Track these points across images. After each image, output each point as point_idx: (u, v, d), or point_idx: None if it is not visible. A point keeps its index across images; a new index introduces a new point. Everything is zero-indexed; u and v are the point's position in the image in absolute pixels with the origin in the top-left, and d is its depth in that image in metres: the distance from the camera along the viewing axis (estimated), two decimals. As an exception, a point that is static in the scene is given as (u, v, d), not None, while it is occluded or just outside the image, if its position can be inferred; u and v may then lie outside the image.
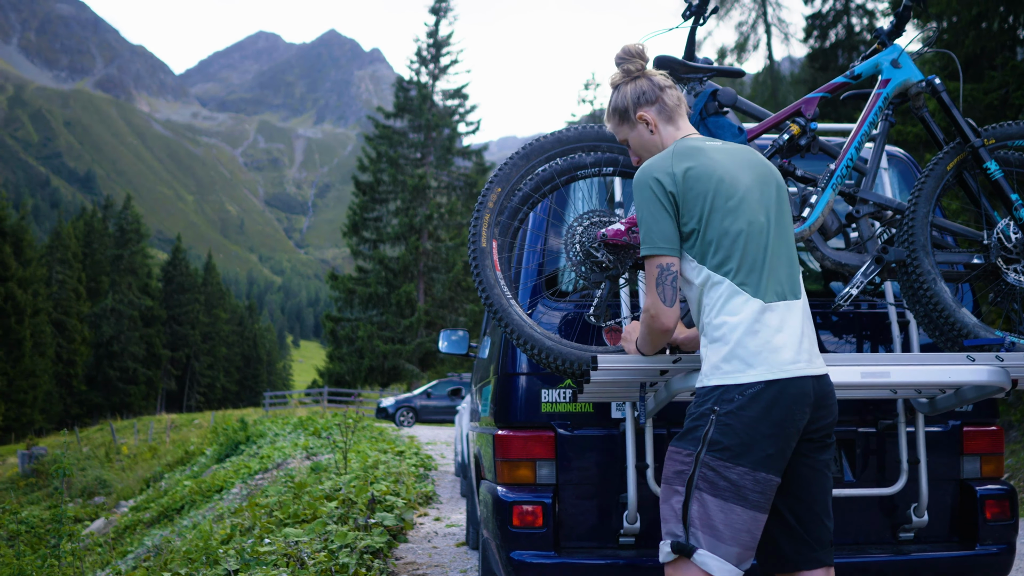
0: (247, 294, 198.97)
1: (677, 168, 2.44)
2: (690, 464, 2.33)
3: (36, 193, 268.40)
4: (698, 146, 2.51)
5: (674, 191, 2.42)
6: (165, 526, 11.83)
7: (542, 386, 3.27)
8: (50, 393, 59.89)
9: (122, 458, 29.16)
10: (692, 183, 2.42)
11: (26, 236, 60.51)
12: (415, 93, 47.72)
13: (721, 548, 2.26)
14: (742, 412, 2.28)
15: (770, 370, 2.30)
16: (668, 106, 2.64)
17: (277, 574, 4.46)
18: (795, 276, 2.47)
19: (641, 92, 2.66)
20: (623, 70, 2.70)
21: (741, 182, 2.46)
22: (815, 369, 2.36)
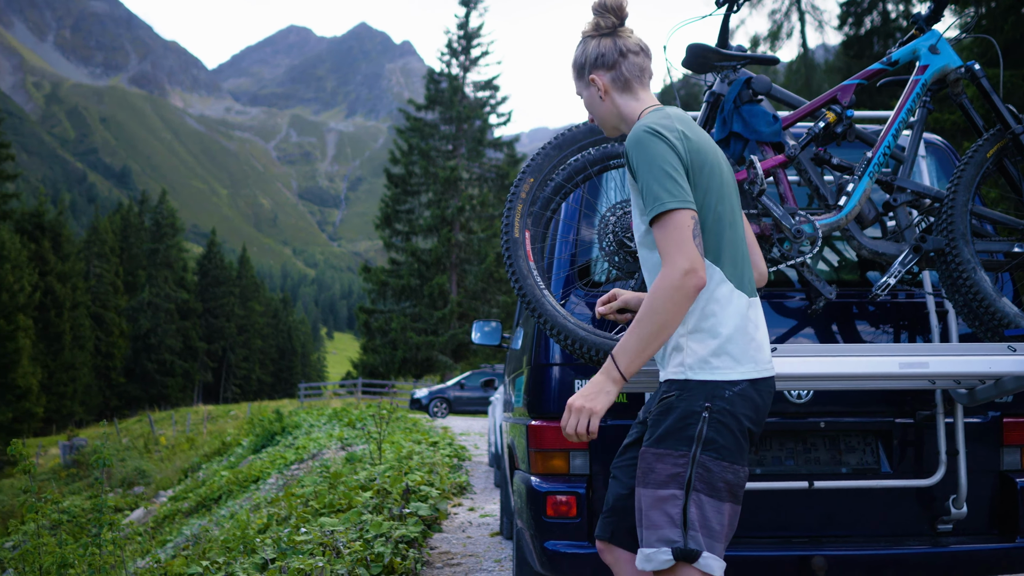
0: (281, 287, 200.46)
1: (684, 132, 2.28)
2: (686, 466, 2.20)
3: (73, 189, 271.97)
4: (689, 118, 2.37)
5: (683, 155, 2.24)
6: (203, 516, 11.97)
7: (575, 376, 3.26)
8: (89, 385, 60.76)
9: (160, 449, 29.52)
10: (695, 154, 2.27)
11: (64, 231, 61.34)
12: (446, 85, 47.77)
13: (717, 547, 2.21)
14: (734, 410, 2.21)
15: (755, 368, 2.25)
16: (624, 75, 2.44)
17: (313, 563, 4.50)
18: (752, 271, 2.37)
19: (600, 53, 2.46)
20: (594, 23, 2.49)
21: (723, 167, 2.37)
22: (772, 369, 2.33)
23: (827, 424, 3.19)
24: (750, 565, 3.05)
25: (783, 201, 3.00)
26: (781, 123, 3.03)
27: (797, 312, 3.29)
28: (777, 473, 3.17)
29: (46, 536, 4.23)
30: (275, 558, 5.05)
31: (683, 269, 2.14)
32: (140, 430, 37.81)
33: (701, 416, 2.20)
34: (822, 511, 3.17)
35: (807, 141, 3.00)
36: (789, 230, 2.88)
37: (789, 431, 3.21)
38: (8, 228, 51.36)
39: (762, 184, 2.85)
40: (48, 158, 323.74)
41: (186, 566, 5.63)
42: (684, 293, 2.15)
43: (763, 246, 2.96)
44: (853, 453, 3.21)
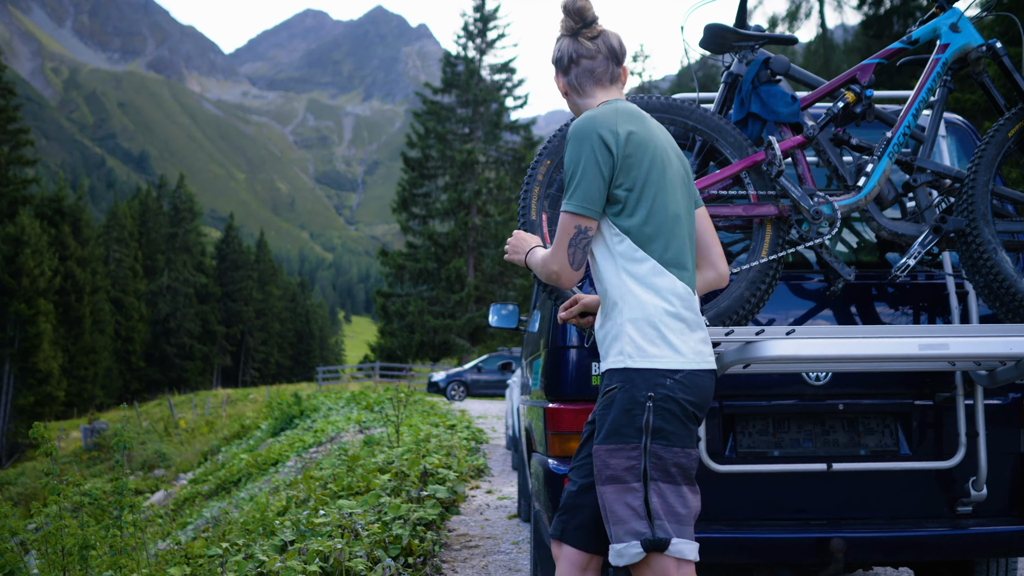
0: (299, 271, 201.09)
1: (622, 128, 2.34)
2: (639, 457, 2.25)
3: (92, 174, 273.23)
4: (638, 112, 2.43)
5: (615, 151, 2.32)
6: (223, 498, 12.06)
7: (592, 359, 3.26)
8: (110, 369, 61.21)
9: (180, 432, 29.72)
10: (633, 148, 2.33)
11: (84, 216, 61.69)
12: (462, 68, 47.63)
13: (686, 531, 2.27)
14: (676, 396, 2.26)
15: (700, 359, 2.32)
16: (576, 80, 2.55)
17: (332, 545, 4.53)
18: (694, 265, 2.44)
19: (558, 57, 2.57)
20: (562, 23, 2.56)
21: (672, 161, 2.42)
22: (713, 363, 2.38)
23: (845, 406, 3.17)
24: (768, 547, 3.05)
25: (801, 182, 2.98)
26: (800, 103, 3.01)
27: (815, 294, 3.27)
28: (795, 455, 3.16)
29: (68, 518, 4.27)
30: (294, 540, 5.09)
31: (552, 270, 2.39)
32: (160, 413, 38.09)
33: (645, 406, 2.24)
34: (840, 493, 3.16)
35: (826, 121, 2.97)
36: (807, 211, 2.87)
37: (807, 413, 3.20)
38: (28, 213, 51.69)
39: (780, 165, 2.83)
40: (67, 143, 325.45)
41: (206, 548, 5.68)
42: (544, 277, 2.44)
43: (781, 228, 2.95)
44: (872, 435, 3.19)
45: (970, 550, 3.14)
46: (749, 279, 2.92)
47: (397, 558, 4.92)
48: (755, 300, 2.91)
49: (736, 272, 2.95)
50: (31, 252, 48.18)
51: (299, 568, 4.13)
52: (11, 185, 54.24)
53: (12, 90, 56.16)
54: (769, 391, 3.19)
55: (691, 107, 3.03)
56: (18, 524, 4.32)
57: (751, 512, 3.17)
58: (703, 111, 3.03)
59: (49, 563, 4.09)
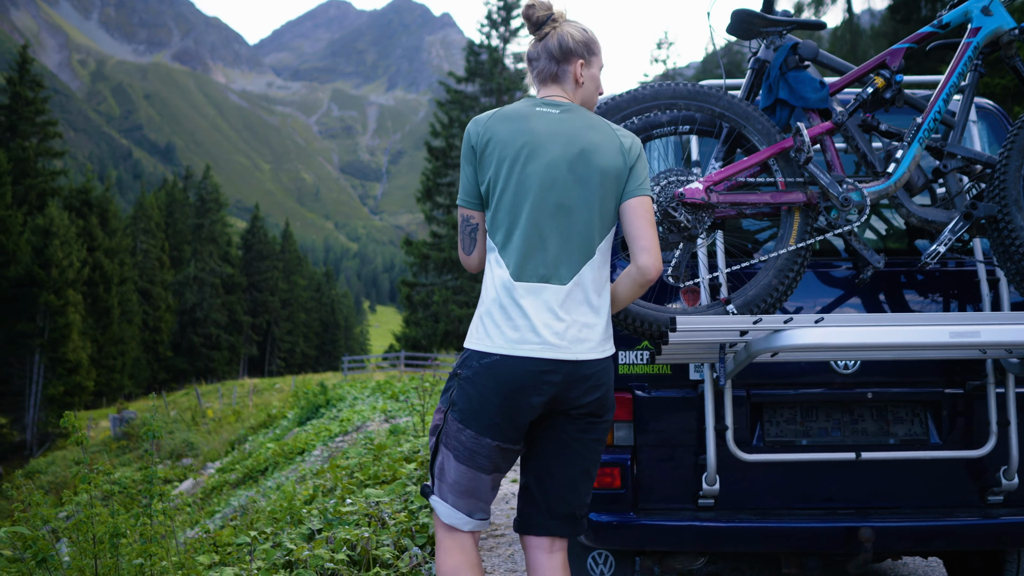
0: (324, 261, 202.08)
1: (486, 127, 2.56)
2: (441, 420, 2.53)
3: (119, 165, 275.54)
4: (523, 111, 2.57)
5: (476, 148, 2.56)
6: (250, 487, 12.14)
7: (619, 348, 3.25)
8: (138, 359, 61.72)
9: (208, 421, 29.94)
10: (492, 145, 2.52)
11: (111, 207, 62.13)
12: (486, 57, 47.52)
13: (450, 498, 2.51)
14: (476, 379, 2.42)
15: (509, 345, 2.41)
16: (532, 75, 2.75)
17: (359, 533, 4.55)
18: (570, 259, 2.48)
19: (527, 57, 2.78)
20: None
21: (542, 158, 2.49)
22: (564, 354, 2.42)
23: (874, 395, 3.15)
24: (796, 536, 3.04)
25: (830, 169, 2.96)
26: (828, 89, 2.98)
27: (844, 282, 3.25)
28: (823, 444, 3.15)
29: (99, 506, 4.31)
30: (322, 528, 5.11)
31: (461, 258, 2.69)
32: (187, 403, 38.39)
33: (455, 380, 2.51)
34: (869, 482, 3.14)
35: (855, 107, 2.94)
36: (836, 198, 2.84)
37: (836, 402, 3.18)
38: (57, 205, 52.15)
39: (809, 151, 2.81)
40: (94, 135, 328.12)
41: (234, 536, 5.73)
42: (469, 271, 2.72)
43: (809, 215, 2.93)
44: (901, 424, 3.17)
45: (1001, 540, 3.11)
46: (777, 267, 2.90)
47: (424, 547, 4.93)
48: (783, 288, 2.90)
49: (764, 260, 2.93)
50: (60, 243, 48.61)
51: (327, 556, 4.15)
52: (40, 177, 54.76)
53: (40, 83, 56.64)
54: (797, 379, 3.17)
55: (718, 94, 3.01)
56: (50, 512, 4.36)
57: (779, 501, 3.15)
58: (730, 98, 3.01)
59: (80, 551, 4.13)
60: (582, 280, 2.48)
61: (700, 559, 3.36)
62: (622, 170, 2.53)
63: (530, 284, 2.45)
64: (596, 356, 2.47)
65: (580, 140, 2.52)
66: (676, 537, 3.11)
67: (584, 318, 2.47)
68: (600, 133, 2.55)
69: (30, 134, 54.89)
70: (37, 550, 3.89)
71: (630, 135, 2.60)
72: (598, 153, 2.51)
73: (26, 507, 4.27)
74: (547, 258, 2.46)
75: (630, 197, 2.54)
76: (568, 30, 2.66)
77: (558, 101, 2.61)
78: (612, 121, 2.98)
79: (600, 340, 2.50)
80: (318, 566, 4.09)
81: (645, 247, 2.49)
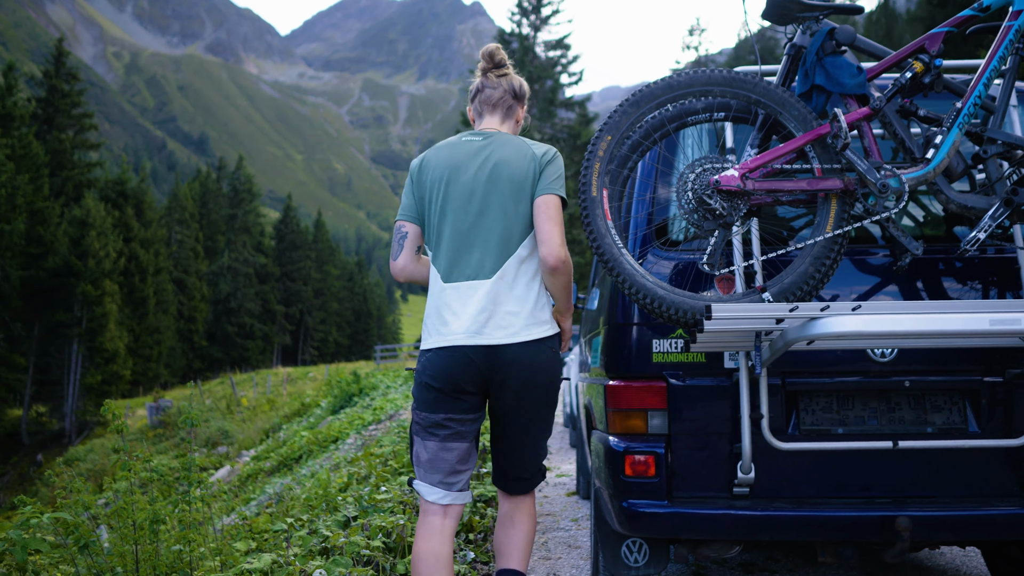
0: (356, 250, 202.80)
1: (425, 156, 3.13)
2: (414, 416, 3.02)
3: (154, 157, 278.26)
4: (452, 142, 3.12)
5: (412, 172, 3.14)
6: (285, 475, 12.26)
7: (653, 336, 3.24)
8: (173, 348, 62.36)
9: (242, 410, 30.23)
10: (424, 172, 3.07)
11: (146, 198, 62.72)
12: (517, 45, 47.41)
13: (427, 476, 2.97)
14: (422, 372, 2.95)
15: (439, 339, 2.92)
16: (476, 106, 3.26)
17: (395, 521, 4.58)
18: (492, 258, 2.92)
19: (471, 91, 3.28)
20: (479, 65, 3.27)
21: (462, 177, 2.99)
22: (485, 340, 2.87)
23: (912, 383, 3.12)
24: (832, 525, 3.02)
25: (868, 155, 2.93)
26: (866, 75, 2.94)
27: (881, 269, 3.22)
28: (860, 433, 3.12)
29: (138, 493, 4.37)
30: (357, 515, 5.15)
31: (391, 266, 3.13)
32: (222, 392, 38.77)
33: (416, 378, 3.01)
34: (907, 471, 3.11)
35: (893, 92, 2.91)
36: (874, 185, 2.81)
37: (872, 390, 3.15)
38: (93, 196, 52.70)
39: (846, 138, 2.78)
40: (129, 127, 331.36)
41: (271, 523, 5.78)
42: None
43: (846, 202, 2.90)
44: (939, 412, 3.14)
45: (1042, 530, 3.07)
46: (813, 255, 2.88)
47: (458, 534, 4.96)
48: (819, 276, 2.88)
49: (800, 248, 2.91)
50: (96, 234, 49.15)
51: (363, 543, 4.18)
52: (76, 169, 55.44)
53: (76, 75, 57.27)
54: (833, 368, 3.15)
55: (753, 80, 2.99)
56: (90, 499, 4.43)
57: (815, 490, 3.14)
58: (766, 84, 2.99)
59: (120, 537, 4.20)
60: (505, 274, 2.92)
61: (735, 548, 3.35)
62: (532, 175, 2.98)
63: (458, 283, 2.92)
64: (517, 340, 2.88)
65: (495, 156, 3.00)
66: (711, 526, 3.11)
67: (508, 307, 2.90)
68: (514, 148, 3.02)
69: (66, 126, 55.56)
70: (79, 536, 3.95)
71: (544, 146, 3.05)
72: (509, 164, 2.97)
73: (68, 494, 4.34)
74: (471, 259, 2.92)
75: (537, 196, 2.97)
76: (520, 79, 3.26)
77: (484, 131, 3.11)
78: (647, 109, 3.00)
79: (523, 326, 2.90)
80: (354, 552, 4.13)
81: (543, 240, 2.89)
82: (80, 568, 4.06)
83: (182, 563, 4.25)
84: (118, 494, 5.46)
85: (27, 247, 45.31)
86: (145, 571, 4.06)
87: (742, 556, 4.79)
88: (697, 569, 4.57)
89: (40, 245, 46.67)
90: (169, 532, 4.49)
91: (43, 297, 47.40)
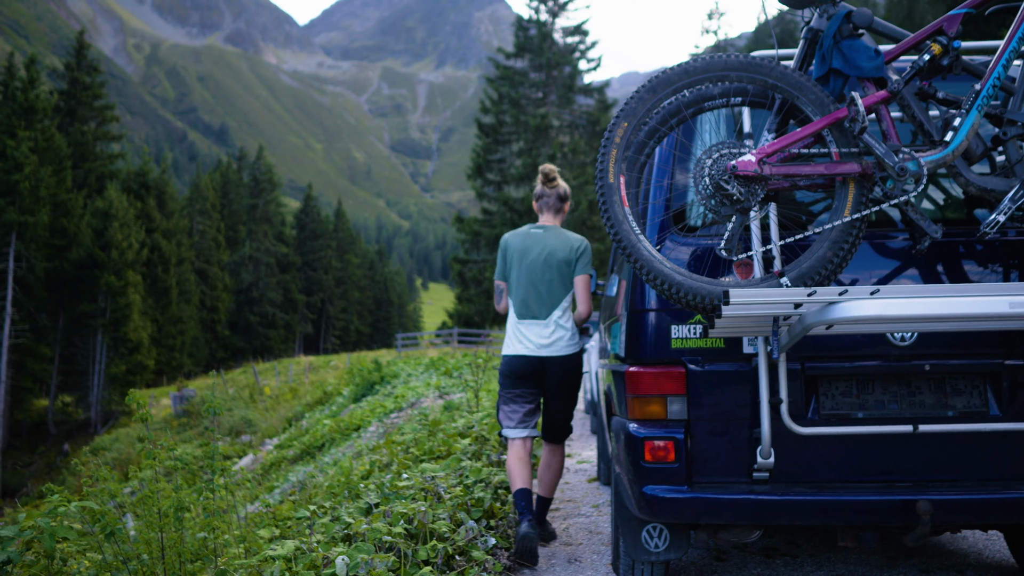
0: (376, 239, 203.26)
1: (507, 239, 5.09)
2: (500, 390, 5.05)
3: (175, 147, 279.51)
4: (526, 231, 5.05)
5: (503, 249, 5.08)
6: (308, 463, 12.34)
7: (672, 322, 3.24)
8: (196, 338, 62.75)
9: (265, 399, 30.38)
10: (507, 250, 5.06)
11: (168, 189, 63.04)
12: (535, 32, 47.20)
13: (508, 426, 4.97)
14: (508, 365, 4.95)
15: (518, 349, 4.92)
16: (538, 205, 5.17)
17: (416, 508, 4.61)
18: (545, 308, 4.89)
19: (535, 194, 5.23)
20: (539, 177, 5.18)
21: (529, 257, 4.94)
22: (542, 352, 4.87)
23: (932, 367, 3.11)
24: (853, 510, 3.02)
25: (886, 138, 2.91)
26: (883, 57, 2.93)
27: (901, 253, 3.20)
28: (880, 417, 3.12)
29: (163, 482, 4.42)
30: (379, 503, 5.19)
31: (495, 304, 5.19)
32: (245, 381, 38.99)
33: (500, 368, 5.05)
34: (927, 455, 3.11)
35: (911, 75, 2.89)
36: (892, 168, 2.80)
37: (892, 374, 3.14)
38: (115, 188, 52.96)
39: (864, 121, 2.77)
40: (150, 118, 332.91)
41: (294, 510, 5.84)
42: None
43: (865, 186, 2.89)
44: (960, 396, 3.13)
45: (1064, 513, 3.06)
46: (832, 239, 2.88)
47: (479, 520, 4.99)
48: (838, 260, 2.87)
49: (818, 232, 2.90)
50: (119, 225, 49.47)
51: (384, 530, 4.21)
52: (99, 160, 55.80)
53: (97, 67, 57.57)
54: (852, 352, 3.14)
55: (770, 64, 2.98)
56: (116, 488, 4.48)
57: (835, 474, 3.14)
58: (783, 68, 2.97)
59: (146, 524, 4.25)
60: (552, 318, 4.88)
61: (755, 533, 3.35)
62: (572, 260, 4.92)
63: (525, 321, 4.92)
64: (559, 354, 4.87)
65: (549, 246, 4.95)
66: (731, 510, 3.11)
67: (553, 336, 4.87)
68: (560, 240, 4.95)
69: (88, 118, 55.92)
70: (105, 524, 4.00)
71: (579, 239, 4.97)
72: (557, 253, 4.92)
73: (94, 482, 4.39)
74: (533, 307, 4.91)
75: (576, 275, 4.94)
76: (565, 185, 5.18)
77: (544, 225, 5.08)
78: (663, 95, 2.99)
79: (564, 346, 4.88)
80: (376, 539, 4.16)
81: (580, 304, 4.94)
82: (107, 555, 4.11)
83: (207, 550, 4.29)
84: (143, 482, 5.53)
85: (51, 239, 45.73)
86: (171, 558, 4.11)
87: (762, 541, 4.79)
88: (717, 554, 4.57)
89: (64, 237, 47.07)
90: (194, 520, 4.54)
91: (67, 288, 47.83)
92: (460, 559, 4.28)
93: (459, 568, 4.13)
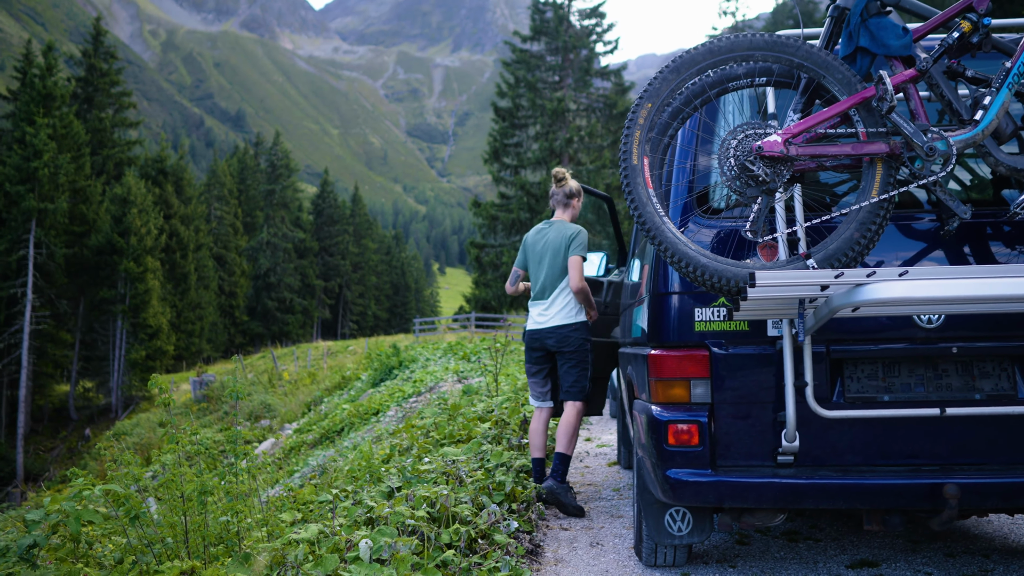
0: (393, 224, 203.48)
1: (526, 235, 5.86)
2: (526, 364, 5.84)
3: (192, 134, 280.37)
4: (538, 227, 5.82)
5: (522, 244, 5.85)
6: (327, 447, 12.38)
7: (695, 305, 3.23)
8: (215, 323, 63.05)
9: (284, 384, 30.50)
10: (525, 244, 5.84)
11: (185, 175, 63.21)
12: (551, 15, 46.96)
13: (534, 397, 5.82)
14: (525, 339, 5.75)
15: (529, 325, 5.70)
16: (551, 202, 5.91)
17: (438, 491, 4.62)
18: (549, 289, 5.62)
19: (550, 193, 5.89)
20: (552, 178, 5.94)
21: (537, 248, 5.72)
22: (537, 326, 5.64)
23: (960, 349, 3.08)
24: (879, 493, 3.00)
25: (914, 118, 2.87)
26: (911, 35, 2.89)
27: (928, 234, 3.17)
28: (906, 400, 3.09)
29: (185, 466, 4.44)
30: (401, 486, 5.20)
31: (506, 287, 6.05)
32: (264, 366, 39.14)
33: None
34: (954, 438, 3.08)
35: (939, 53, 2.85)
36: (921, 148, 2.76)
37: (919, 357, 3.11)
38: (133, 174, 53.16)
39: (892, 100, 2.73)
40: (167, 104, 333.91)
41: (315, 494, 5.86)
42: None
43: (892, 166, 2.85)
44: (988, 379, 3.10)
45: (1093, 496, 3.03)
46: (859, 220, 2.84)
47: (501, 504, 4.99)
48: (865, 241, 2.84)
49: (845, 213, 2.87)
50: (137, 212, 49.66)
51: (407, 513, 4.22)
52: (117, 147, 55.98)
53: (114, 54, 57.71)
54: (878, 335, 3.11)
55: (796, 44, 2.94)
56: (139, 472, 4.51)
57: (860, 458, 3.11)
58: (809, 47, 2.94)
59: (170, 508, 4.27)
60: (550, 298, 5.62)
61: (779, 516, 3.34)
62: (566, 246, 5.56)
63: (534, 302, 5.71)
64: (552, 324, 5.57)
65: (549, 238, 5.67)
66: (756, 494, 3.10)
67: (550, 311, 5.60)
68: (558, 231, 5.65)
69: (106, 105, 56.09)
70: (129, 508, 4.02)
71: (575, 227, 5.61)
72: (554, 242, 5.63)
73: (117, 467, 4.42)
74: (538, 290, 5.67)
75: (568, 256, 5.54)
76: (574, 183, 5.86)
77: (552, 220, 5.78)
78: (687, 75, 2.96)
79: (557, 317, 5.56)
80: (399, 522, 4.17)
81: (571, 279, 5.48)
82: (131, 539, 4.14)
83: (230, 533, 4.31)
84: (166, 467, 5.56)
85: (70, 225, 45.97)
86: (194, 541, 4.14)
87: (785, 525, 4.78)
88: (740, 538, 4.56)
89: (83, 223, 47.32)
90: (216, 503, 4.56)
91: (87, 274, 48.12)
92: (483, 542, 4.28)
93: (482, 551, 4.14)
